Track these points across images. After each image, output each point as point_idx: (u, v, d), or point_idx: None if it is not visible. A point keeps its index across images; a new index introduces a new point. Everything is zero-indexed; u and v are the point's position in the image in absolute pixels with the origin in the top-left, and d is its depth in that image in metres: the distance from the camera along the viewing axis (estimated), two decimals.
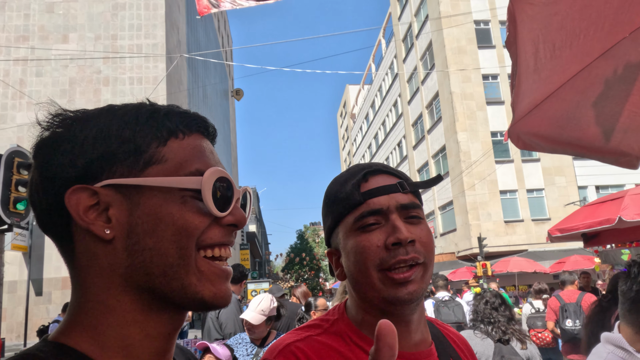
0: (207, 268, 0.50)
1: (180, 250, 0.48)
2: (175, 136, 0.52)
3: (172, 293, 0.48)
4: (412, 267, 0.71)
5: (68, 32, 17.26)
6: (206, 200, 0.49)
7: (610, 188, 21.83)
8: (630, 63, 1.87)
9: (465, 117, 22.81)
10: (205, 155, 0.54)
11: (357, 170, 0.79)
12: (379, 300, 0.72)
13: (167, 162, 0.51)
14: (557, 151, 2.43)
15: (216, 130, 0.60)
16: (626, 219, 5.08)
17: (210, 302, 0.50)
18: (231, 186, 0.53)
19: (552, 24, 1.50)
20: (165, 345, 0.51)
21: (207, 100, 30.70)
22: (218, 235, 0.51)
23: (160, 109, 0.55)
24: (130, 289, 0.48)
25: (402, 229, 0.71)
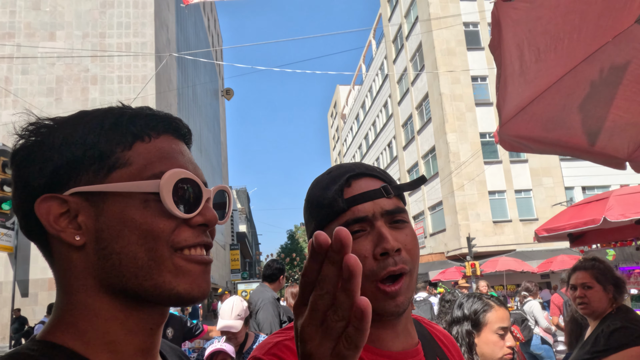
0: (183, 263, 0.50)
1: (149, 252, 0.49)
2: (141, 139, 0.52)
3: (146, 292, 0.49)
4: (399, 278, 0.70)
5: (55, 30, 17.02)
6: (165, 202, 0.49)
7: (596, 189, 22.19)
8: (614, 67, 1.91)
9: (454, 118, 23.00)
10: (173, 157, 0.53)
11: (340, 173, 0.76)
12: None
13: (131, 166, 0.51)
14: (545, 152, 2.47)
15: (190, 130, 0.60)
16: (611, 219, 5.16)
17: (187, 296, 0.50)
18: (197, 186, 0.53)
19: (537, 28, 1.52)
20: (149, 339, 0.52)
21: (196, 99, 30.48)
22: (189, 236, 0.51)
23: (127, 113, 0.54)
24: (105, 290, 0.50)
25: (388, 237, 0.69)
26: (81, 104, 16.48)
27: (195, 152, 28.16)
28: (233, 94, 38.36)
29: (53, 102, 16.97)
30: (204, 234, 0.53)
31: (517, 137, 2.25)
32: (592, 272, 2.05)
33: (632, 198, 5.40)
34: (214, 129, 38.46)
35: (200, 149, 30.36)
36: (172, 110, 21.08)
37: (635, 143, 2.35)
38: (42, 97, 16.93)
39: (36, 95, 16.83)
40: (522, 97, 1.95)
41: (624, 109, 2.14)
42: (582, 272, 2.07)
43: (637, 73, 1.96)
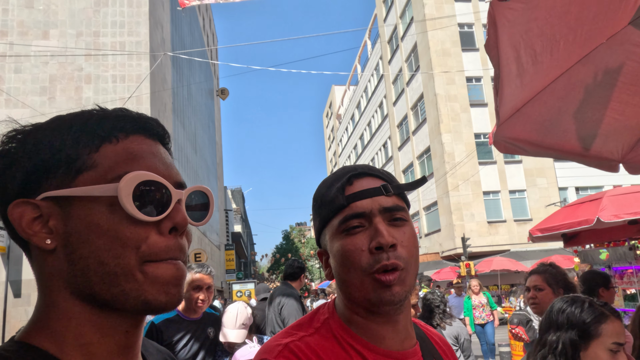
0: (151, 270, 0.49)
1: (116, 259, 0.48)
2: (108, 141, 0.52)
3: (114, 299, 0.49)
4: (395, 271, 0.72)
5: (48, 28, 16.89)
6: (125, 206, 0.48)
7: (589, 189, 22.36)
8: (608, 69, 1.92)
9: (449, 119, 23.08)
10: (141, 158, 0.52)
11: (343, 173, 0.80)
12: (364, 301, 0.73)
13: (97, 168, 0.50)
14: (540, 155, 2.48)
15: (165, 130, 0.58)
16: (604, 219, 5.20)
17: (155, 304, 0.49)
18: (164, 188, 0.51)
19: (533, 29, 1.52)
20: (126, 341, 0.52)
21: (191, 99, 30.37)
22: (160, 244, 0.50)
23: (95, 115, 0.54)
24: (76, 294, 0.50)
25: (384, 232, 0.72)
26: (75, 103, 16.37)
27: (190, 151, 28.05)
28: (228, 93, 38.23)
29: (46, 101, 16.83)
30: (177, 244, 0.52)
31: (511, 139, 2.26)
32: (544, 276, 2.28)
33: (625, 199, 5.45)
34: (209, 128, 38.34)
35: (195, 149, 30.25)
36: (166, 110, 20.99)
37: (629, 145, 2.37)
38: (35, 96, 16.79)
39: (29, 94, 16.69)
40: (517, 98, 1.96)
41: (618, 111, 2.15)
42: (535, 276, 2.30)
43: (630, 75, 1.97)
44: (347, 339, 0.75)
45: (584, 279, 3.20)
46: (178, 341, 2.45)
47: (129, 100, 15.36)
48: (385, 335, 0.75)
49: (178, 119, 24.49)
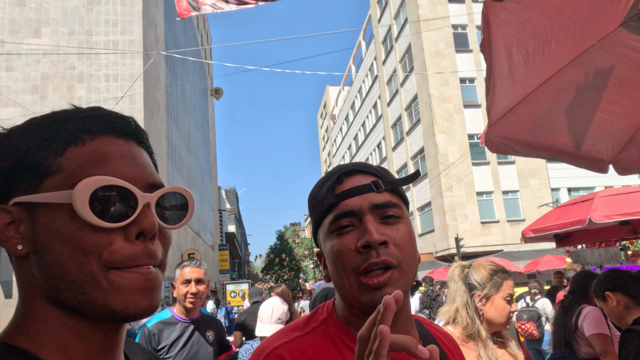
0: (117, 279, 0.48)
1: (80, 266, 0.47)
2: (74, 143, 0.50)
3: (80, 306, 0.48)
4: (386, 270, 0.69)
5: (40, 27, 16.74)
6: (81, 213, 0.46)
7: (581, 190, 22.54)
8: (599, 70, 1.94)
9: (443, 120, 23.17)
10: (107, 160, 0.50)
11: (334, 172, 0.78)
12: (358, 303, 0.71)
13: (61, 173, 0.49)
14: (531, 155, 2.49)
15: (139, 128, 0.56)
16: (595, 220, 5.23)
17: (121, 314, 0.48)
18: (129, 192, 0.49)
19: (525, 30, 1.53)
20: (105, 343, 0.51)
21: (185, 98, 30.22)
22: (125, 251, 0.48)
23: (62, 116, 0.53)
24: (49, 299, 0.49)
25: (372, 230, 0.69)
26: (67, 102, 16.20)
27: (183, 151, 27.91)
28: (222, 93, 38.11)
29: (38, 100, 16.68)
30: (145, 249, 0.50)
31: (503, 139, 2.27)
32: None
33: (616, 199, 5.49)
34: (202, 128, 38.17)
35: (188, 149, 30.11)
36: (160, 110, 20.87)
37: (619, 146, 2.39)
38: (26, 94, 16.62)
39: (20, 93, 16.52)
40: (509, 98, 1.97)
41: (608, 112, 2.17)
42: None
43: (621, 77, 1.99)
44: (344, 339, 0.73)
45: (576, 279, 3.20)
46: (174, 344, 2.35)
47: (122, 99, 15.26)
48: None
49: (172, 119, 24.36)
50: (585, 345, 2.80)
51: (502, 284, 1.67)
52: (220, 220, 45.51)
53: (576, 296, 3.02)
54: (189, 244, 27.26)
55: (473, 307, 1.66)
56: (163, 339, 2.35)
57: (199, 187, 33.83)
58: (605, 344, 2.68)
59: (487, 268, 1.72)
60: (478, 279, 1.70)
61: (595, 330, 2.72)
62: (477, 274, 1.71)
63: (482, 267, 1.73)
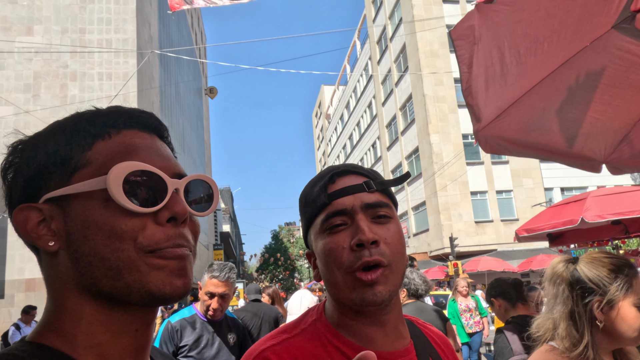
0: (155, 261, 0.49)
1: (116, 252, 0.48)
2: (101, 138, 0.52)
3: (119, 293, 0.49)
4: (377, 268, 0.70)
5: (33, 24, 16.59)
6: (115, 197, 0.48)
7: (574, 190, 22.73)
8: (591, 71, 1.95)
9: (437, 120, 23.26)
10: (134, 151, 0.52)
11: (326, 172, 0.79)
12: (349, 301, 0.72)
13: (91, 165, 0.51)
14: (524, 155, 2.51)
15: (160, 122, 0.58)
16: (588, 220, 5.27)
17: (159, 294, 0.49)
18: (159, 178, 0.51)
19: (517, 31, 1.55)
20: (136, 341, 0.52)
21: (179, 97, 30.10)
22: (159, 237, 0.50)
23: (87, 114, 0.55)
24: (85, 293, 0.50)
25: (364, 229, 0.70)
26: (60, 100, 16.10)
27: (178, 150, 27.69)
28: (217, 92, 37.98)
29: (30, 98, 16.53)
30: (177, 232, 0.51)
31: (497, 138, 2.28)
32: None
33: (608, 199, 5.54)
34: (197, 127, 38.05)
35: (183, 148, 29.99)
36: (154, 108, 20.77)
37: (612, 146, 2.41)
38: (19, 93, 16.47)
39: (13, 92, 16.37)
40: (503, 99, 1.98)
41: (600, 112, 2.18)
42: None
43: (613, 77, 2.01)
44: (333, 341, 0.74)
45: None
46: (195, 344, 2.31)
47: (115, 98, 15.16)
48: (374, 337, 0.73)
49: (166, 118, 24.26)
50: None
51: (632, 284, 1.25)
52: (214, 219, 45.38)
53: None
54: None
55: (586, 317, 1.24)
56: (185, 337, 2.29)
57: None
58: None
59: (606, 263, 1.29)
60: (594, 278, 1.26)
61: None
62: (593, 271, 1.28)
63: (599, 262, 1.30)
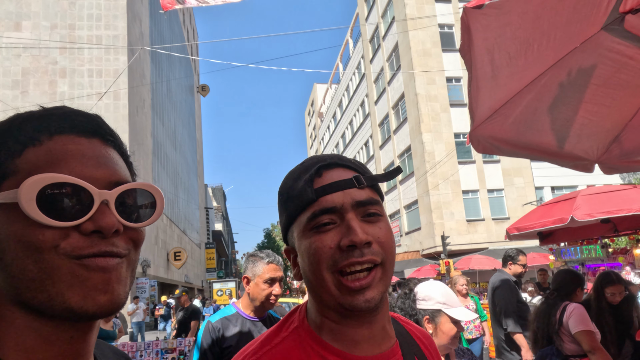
0: (81, 272, 0.47)
1: (38, 263, 0.46)
2: (31, 144, 0.50)
3: (41, 305, 0.47)
4: (370, 271, 0.66)
5: (21, 20, 16.34)
6: (27, 212, 0.46)
7: (564, 189, 22.96)
8: (582, 72, 1.96)
9: (429, 119, 23.35)
10: (64, 159, 0.49)
11: (311, 163, 0.73)
12: (336, 305, 0.67)
13: (18, 174, 0.48)
14: (516, 155, 2.51)
15: (100, 124, 0.55)
16: (578, 218, 5.33)
17: (79, 311, 0.47)
18: (82, 190, 0.48)
19: (506, 34, 1.55)
20: (71, 348, 0.50)
21: (171, 95, 29.86)
22: (82, 243, 0.48)
23: (20, 117, 0.52)
24: (14, 301, 0.48)
25: (357, 229, 0.65)
26: (49, 97, 15.88)
27: (169, 149, 27.59)
28: (209, 90, 37.78)
29: (19, 95, 16.29)
30: (103, 242, 0.49)
31: (489, 139, 2.28)
32: None
33: (597, 198, 5.60)
34: (189, 125, 37.80)
35: (174, 146, 29.78)
36: (145, 106, 20.58)
37: (604, 146, 2.42)
38: (7, 89, 16.22)
39: (0, 88, 16.12)
40: (494, 100, 1.98)
41: (592, 112, 2.20)
42: None
43: (603, 77, 2.02)
44: (317, 349, 0.69)
45: (559, 277, 3.22)
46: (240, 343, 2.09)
47: (106, 95, 14.99)
48: (360, 340, 0.69)
49: (157, 116, 24.05)
50: (569, 342, 2.84)
51: None
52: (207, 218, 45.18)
53: (561, 293, 3.06)
54: (175, 242, 27.00)
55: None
56: (228, 337, 2.11)
57: (186, 185, 33.51)
58: (593, 340, 2.72)
59: None
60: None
61: (582, 327, 2.76)
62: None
63: None
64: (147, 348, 5.72)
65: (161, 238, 23.50)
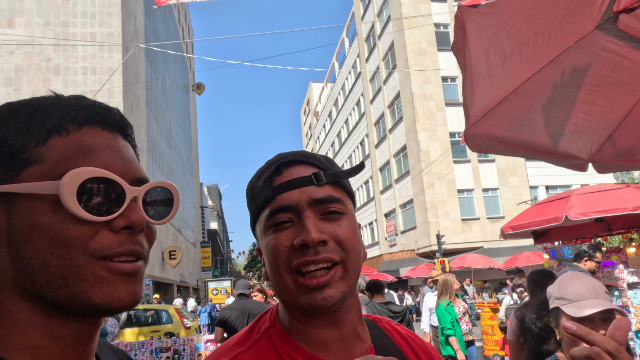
0: (104, 273, 0.46)
1: (63, 260, 0.45)
2: (57, 133, 0.48)
3: (61, 301, 0.46)
4: (329, 270, 0.64)
5: (14, 16, 16.19)
6: (68, 205, 0.44)
7: (558, 188, 23.10)
8: (576, 71, 1.96)
9: (425, 118, 23.40)
10: (93, 151, 0.48)
11: (274, 161, 0.71)
12: (296, 305, 0.65)
13: (43, 163, 0.46)
14: (511, 154, 2.52)
15: (126, 121, 0.54)
16: (572, 217, 5.36)
17: (104, 307, 0.46)
18: (117, 185, 0.48)
19: (501, 32, 1.54)
20: (77, 347, 0.49)
21: (166, 93, 29.72)
22: (111, 242, 0.47)
23: (45, 103, 0.50)
24: (23, 294, 0.46)
25: (310, 228, 0.63)
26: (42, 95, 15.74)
27: (164, 147, 27.48)
28: (204, 88, 37.64)
29: (12, 92, 16.16)
30: (131, 239, 0.48)
31: (483, 138, 2.28)
32: None
33: (591, 197, 5.64)
34: (184, 124, 37.67)
35: (170, 144, 29.67)
36: (140, 104, 20.48)
37: (597, 145, 2.43)
38: None
39: None
40: (489, 98, 1.98)
41: (586, 111, 2.20)
42: None
43: (597, 77, 2.02)
44: (288, 350, 0.67)
45: (534, 279, 3.21)
46: None
47: (100, 93, 14.89)
48: (328, 341, 0.67)
49: (152, 114, 23.94)
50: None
51: None
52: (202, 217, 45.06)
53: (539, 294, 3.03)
54: (170, 241, 26.91)
55: None
56: None
57: (181, 184, 33.41)
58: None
59: None
60: None
61: None
62: None
63: None
64: (141, 347, 5.71)
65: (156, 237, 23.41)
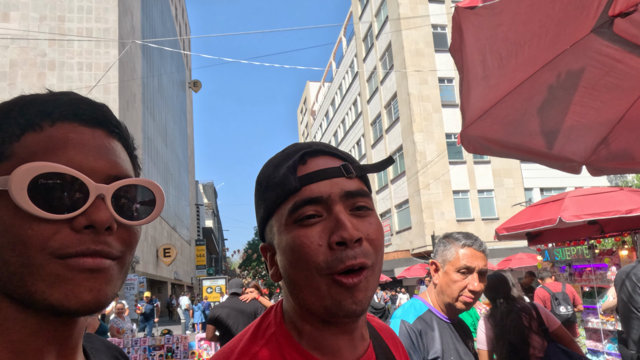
0: (62, 271, 0.45)
1: (21, 258, 0.44)
2: (32, 129, 0.47)
3: (22, 299, 0.45)
4: (360, 272, 0.59)
5: (9, 10, 16.05)
6: (17, 200, 0.43)
7: (553, 190, 23.24)
8: (572, 74, 1.98)
9: (421, 119, 23.45)
10: (63, 148, 0.47)
11: (294, 150, 0.65)
12: (321, 308, 0.60)
13: (12, 160, 0.46)
14: (506, 155, 2.53)
15: (106, 115, 0.52)
16: (566, 219, 5.39)
17: (60, 308, 0.45)
18: (78, 182, 0.46)
19: (498, 34, 1.55)
20: (56, 338, 0.49)
21: (162, 90, 29.59)
22: (70, 241, 0.45)
23: (23, 100, 0.50)
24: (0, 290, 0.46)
25: (347, 224, 0.58)
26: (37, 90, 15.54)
27: (160, 144, 27.36)
28: (201, 86, 37.50)
29: (6, 87, 16.03)
30: (94, 238, 0.46)
31: (480, 139, 2.29)
32: None
33: (585, 200, 5.67)
34: (180, 121, 37.53)
35: (165, 142, 29.55)
36: (136, 101, 20.38)
37: (592, 148, 2.45)
38: None
39: None
40: (484, 100, 1.99)
41: (580, 114, 2.22)
42: None
43: (592, 80, 2.04)
44: (296, 357, 0.63)
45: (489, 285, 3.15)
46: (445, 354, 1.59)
47: (96, 89, 14.80)
48: (341, 346, 0.64)
49: (148, 110, 23.83)
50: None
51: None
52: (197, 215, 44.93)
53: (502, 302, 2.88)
54: (164, 238, 26.81)
55: None
56: (429, 344, 1.58)
57: (176, 181, 33.29)
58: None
59: None
60: None
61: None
62: None
63: None
64: (134, 345, 5.68)
65: (150, 234, 23.32)
